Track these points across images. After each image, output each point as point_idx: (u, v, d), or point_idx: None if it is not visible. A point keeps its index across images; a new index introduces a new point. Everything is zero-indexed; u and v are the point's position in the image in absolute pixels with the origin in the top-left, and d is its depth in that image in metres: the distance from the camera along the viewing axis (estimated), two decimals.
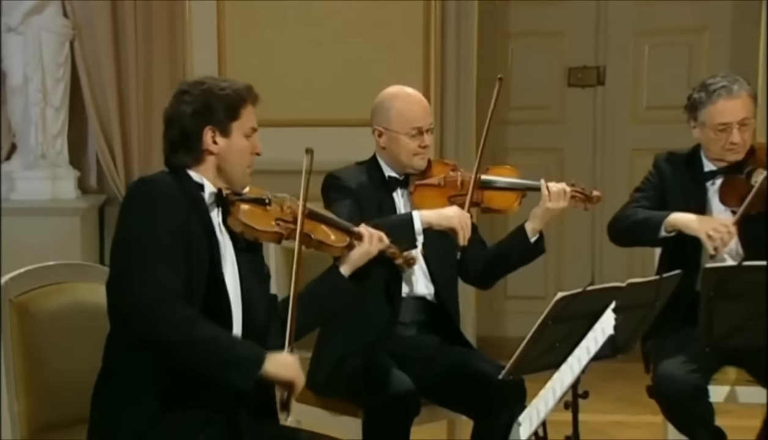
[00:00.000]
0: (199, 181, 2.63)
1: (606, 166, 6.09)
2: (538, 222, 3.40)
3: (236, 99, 2.64)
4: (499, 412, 3.12)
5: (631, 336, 3.03)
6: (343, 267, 2.82)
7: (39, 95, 5.61)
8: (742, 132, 3.54)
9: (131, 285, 2.47)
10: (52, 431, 2.70)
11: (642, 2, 6.04)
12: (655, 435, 3.95)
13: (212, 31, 5.75)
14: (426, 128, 3.38)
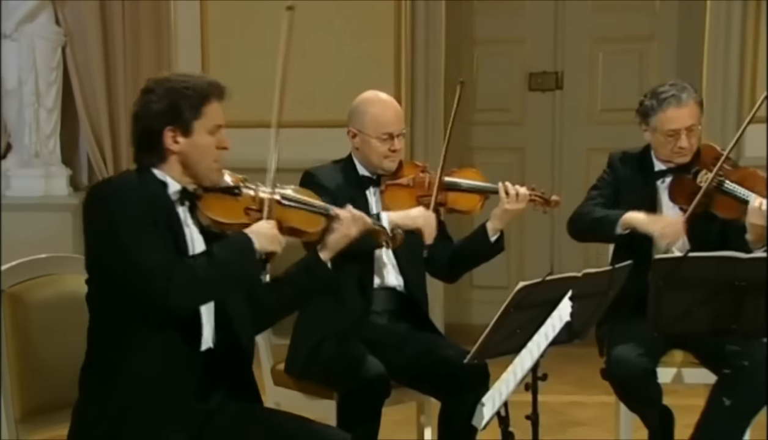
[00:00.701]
0: (162, 179, 2.54)
1: (564, 165, 6.11)
2: (498, 222, 3.40)
3: (199, 97, 2.53)
4: (464, 394, 3.12)
5: (586, 323, 3.03)
6: (323, 253, 2.72)
7: (32, 98, 5.62)
8: (689, 137, 3.54)
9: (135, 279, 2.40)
10: (44, 412, 2.68)
11: (596, 13, 6.05)
12: (609, 414, 3.97)
13: (196, 35, 5.75)
14: (397, 133, 3.36)
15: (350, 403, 3.12)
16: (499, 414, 2.75)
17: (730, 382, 3.29)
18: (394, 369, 3.22)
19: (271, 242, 2.54)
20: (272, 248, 2.54)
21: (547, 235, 5.97)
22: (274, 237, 2.55)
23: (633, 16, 6.00)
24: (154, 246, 2.42)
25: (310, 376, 3.32)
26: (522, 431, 2.83)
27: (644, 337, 3.39)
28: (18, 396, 2.65)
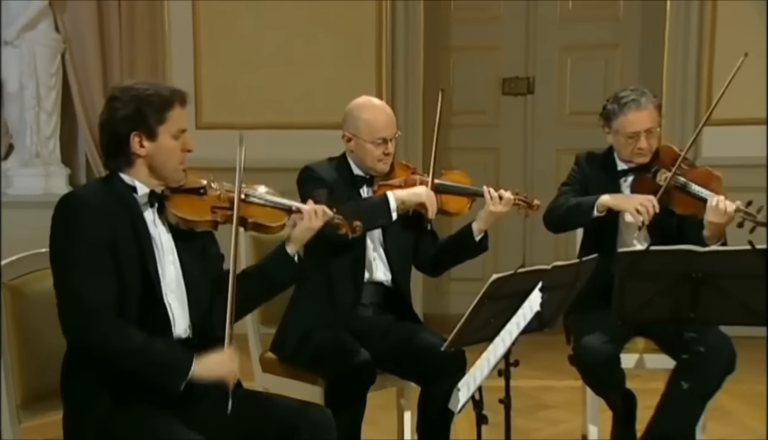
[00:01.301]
0: (131, 183, 2.53)
1: (536, 164, 6.12)
2: (483, 223, 3.40)
3: (162, 103, 2.51)
4: (441, 379, 3.12)
5: (555, 312, 3.03)
6: (289, 246, 2.71)
7: (33, 101, 5.62)
8: (648, 138, 3.56)
9: (60, 301, 2.43)
10: (43, 397, 2.68)
11: (565, 23, 6.07)
12: (576, 398, 3.99)
13: (188, 41, 5.73)
14: (390, 138, 3.35)
15: (338, 389, 3.12)
16: (474, 398, 2.75)
17: (688, 367, 3.30)
18: (378, 357, 3.22)
19: (212, 372, 2.45)
20: (214, 377, 2.45)
21: (520, 231, 5.99)
22: (220, 366, 2.46)
23: (598, 26, 6.03)
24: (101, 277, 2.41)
25: (298, 362, 3.31)
26: (495, 414, 2.83)
27: (609, 326, 3.41)
28: (19, 382, 2.65)
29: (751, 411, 4.46)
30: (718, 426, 4.06)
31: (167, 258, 2.56)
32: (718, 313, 3.17)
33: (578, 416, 4.00)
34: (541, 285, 2.83)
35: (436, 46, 6.01)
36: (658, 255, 3.14)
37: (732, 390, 3.87)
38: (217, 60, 5.70)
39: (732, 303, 3.11)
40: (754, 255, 3.05)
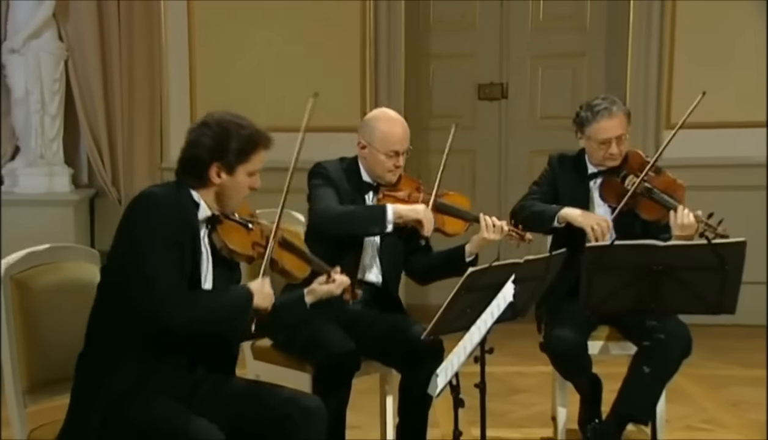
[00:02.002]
0: (197, 200, 2.54)
1: (510, 165, 6.12)
2: (475, 247, 3.39)
3: (249, 144, 2.53)
4: (421, 366, 3.11)
5: (527, 303, 3.05)
6: (308, 297, 2.76)
7: (38, 105, 5.58)
8: (618, 144, 3.56)
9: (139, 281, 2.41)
10: (47, 384, 2.67)
11: (536, 33, 6.07)
12: (546, 382, 4.01)
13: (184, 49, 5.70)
14: (402, 151, 3.33)
15: (324, 375, 3.12)
16: (451, 383, 2.75)
17: (649, 353, 3.31)
18: (363, 345, 3.23)
19: (265, 300, 2.57)
20: (265, 305, 2.58)
21: None
22: (269, 296, 2.59)
23: (567, 37, 6.03)
24: (170, 264, 2.43)
25: (288, 351, 3.30)
26: (471, 397, 2.84)
27: (577, 315, 3.42)
28: (24, 370, 2.64)
29: (706, 393, 4.49)
30: (676, 406, 4.08)
31: (207, 277, 2.59)
32: (677, 303, 3.19)
33: (548, 399, 4.01)
34: (514, 278, 2.83)
35: (416, 53, 6.00)
36: (623, 250, 3.15)
37: (689, 373, 3.91)
38: (211, 68, 5.68)
39: (689, 293, 3.13)
40: (709, 250, 3.08)
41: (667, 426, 3.70)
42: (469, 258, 3.40)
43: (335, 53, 5.65)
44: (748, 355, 5.04)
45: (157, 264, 2.40)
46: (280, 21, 5.66)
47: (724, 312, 3.15)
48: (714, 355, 4.88)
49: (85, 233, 5.63)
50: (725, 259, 3.07)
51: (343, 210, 3.22)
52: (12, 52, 5.54)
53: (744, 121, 5.58)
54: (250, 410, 2.56)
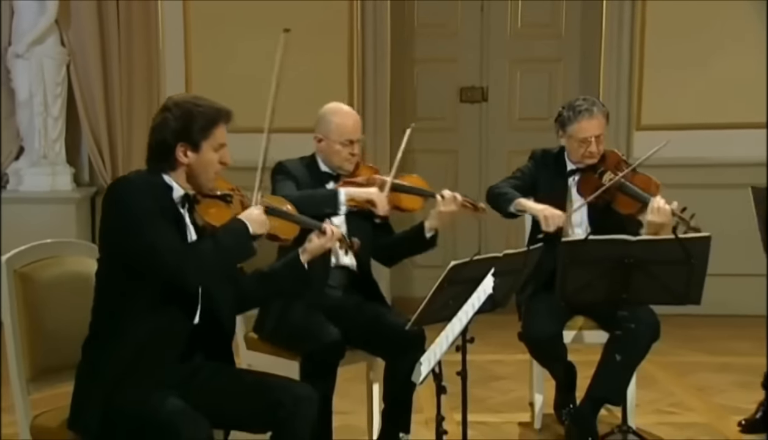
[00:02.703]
0: (169, 183, 2.53)
1: (490, 164, 6.11)
2: (434, 222, 3.38)
3: (209, 121, 2.53)
4: (405, 355, 3.11)
5: (506, 295, 3.04)
6: (303, 256, 2.74)
7: (41, 108, 5.56)
8: (597, 143, 3.57)
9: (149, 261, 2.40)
10: (49, 372, 2.66)
11: (515, 39, 6.07)
12: (524, 370, 4.01)
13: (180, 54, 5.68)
14: (356, 140, 3.36)
15: (311, 363, 3.11)
16: (434, 371, 2.75)
17: (620, 341, 3.33)
18: (349, 335, 3.21)
19: (261, 226, 2.56)
20: (262, 231, 2.57)
21: (476, 223, 5.99)
22: (264, 222, 2.58)
23: (544, 43, 6.03)
24: (167, 232, 2.43)
25: (277, 341, 3.30)
26: (453, 384, 2.84)
27: (553, 306, 3.43)
28: (28, 359, 2.62)
29: (673, 379, 4.50)
30: (646, 391, 4.10)
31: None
32: (647, 294, 3.21)
33: (526, 385, 4.02)
34: (494, 271, 2.83)
35: (401, 58, 6.00)
36: (596, 244, 3.17)
37: (657, 360, 3.93)
38: (206, 71, 5.66)
39: (658, 285, 3.15)
40: (677, 244, 3.09)
41: (637, 410, 3.72)
42: (429, 233, 3.39)
43: (324, 57, 5.64)
44: (712, 343, 5.07)
45: (155, 232, 2.40)
46: (271, 26, 5.64)
47: (690, 302, 3.17)
48: (681, 343, 4.91)
49: (86, 229, 5.61)
50: (691, 253, 3.09)
51: (299, 194, 3.22)
52: (16, 56, 5.52)
53: (712, 123, 5.61)
54: (244, 397, 2.55)
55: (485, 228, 5.96)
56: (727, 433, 3.76)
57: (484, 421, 3.85)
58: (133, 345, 2.44)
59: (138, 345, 2.45)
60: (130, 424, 2.40)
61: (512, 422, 3.88)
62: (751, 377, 4.04)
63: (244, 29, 5.63)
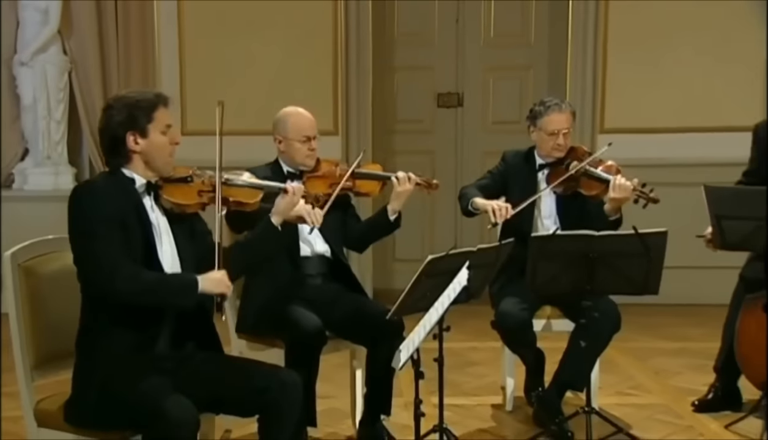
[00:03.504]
0: (130, 176, 2.51)
1: (465, 165, 6.12)
2: (395, 203, 3.37)
3: (149, 106, 2.50)
4: (386, 342, 3.10)
5: (480, 286, 3.05)
6: (274, 217, 2.67)
7: (45, 112, 5.57)
8: (565, 137, 3.60)
9: (83, 267, 2.41)
10: (51, 360, 2.64)
11: (488, 48, 6.07)
12: (497, 356, 4.02)
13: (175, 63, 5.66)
14: (312, 136, 3.36)
15: (294, 351, 3.10)
16: (412, 357, 2.76)
17: (585, 329, 3.33)
18: (331, 324, 3.21)
19: (216, 286, 2.45)
20: (218, 291, 2.45)
21: (452, 219, 6.01)
22: (221, 281, 2.45)
23: (515, 52, 6.04)
24: (113, 243, 2.39)
25: (261, 331, 3.28)
26: (430, 370, 2.85)
27: (523, 297, 3.44)
28: (31, 347, 2.60)
29: (633, 363, 4.52)
30: (608, 375, 4.11)
31: (164, 238, 2.54)
32: (609, 285, 3.22)
33: (498, 371, 4.02)
34: (468, 264, 2.84)
35: (382, 65, 5.99)
36: (563, 239, 3.18)
37: (618, 346, 3.95)
38: (200, 78, 5.65)
39: (619, 277, 3.16)
40: (637, 239, 3.11)
41: (600, 392, 3.74)
42: (392, 216, 3.38)
43: (310, 64, 5.64)
44: (669, 330, 5.11)
45: (104, 245, 2.38)
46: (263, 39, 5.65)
47: (649, 293, 3.18)
48: (640, 330, 4.94)
49: None
50: (650, 247, 3.11)
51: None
52: (21, 64, 5.52)
53: (669, 127, 5.65)
54: (233, 383, 2.53)
55: (461, 225, 5.97)
56: (682, 413, 3.78)
57: (459, 404, 3.85)
58: (121, 339, 2.43)
59: (127, 335, 2.43)
60: (121, 410, 2.39)
61: (486, 404, 3.89)
62: (704, 361, 4.06)
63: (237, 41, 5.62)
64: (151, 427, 2.30)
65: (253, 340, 3.36)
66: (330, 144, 5.24)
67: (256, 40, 5.64)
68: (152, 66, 5.63)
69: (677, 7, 5.56)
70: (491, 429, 3.61)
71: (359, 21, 5.64)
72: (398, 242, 5.91)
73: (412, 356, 2.75)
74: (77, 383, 2.50)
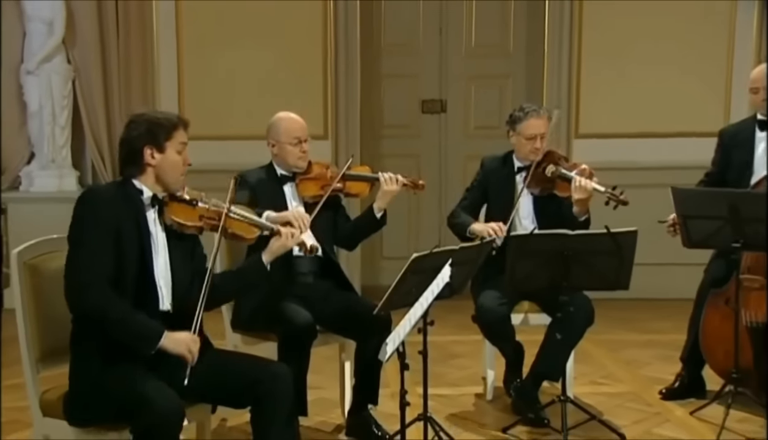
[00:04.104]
0: (139, 187, 2.53)
1: (449, 167, 6.13)
2: (381, 202, 3.38)
3: (170, 125, 2.54)
4: (373, 336, 3.11)
5: (462, 283, 3.05)
6: (265, 256, 2.68)
7: (50, 118, 5.53)
8: (542, 141, 3.61)
9: (65, 272, 2.42)
10: (55, 353, 2.63)
11: (470, 58, 6.07)
12: (478, 349, 4.01)
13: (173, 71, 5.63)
14: (303, 139, 3.36)
15: (286, 345, 3.09)
16: (398, 350, 2.74)
17: (561, 323, 3.34)
18: (321, 319, 3.21)
19: (177, 346, 2.40)
20: (178, 351, 2.40)
21: (436, 219, 6.02)
22: (184, 344, 2.40)
23: (495, 61, 6.05)
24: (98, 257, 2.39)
25: (256, 326, 3.27)
26: (415, 362, 2.84)
27: (502, 292, 3.45)
28: (36, 341, 2.60)
29: (606, 354, 4.54)
30: (582, 366, 4.13)
31: (160, 251, 2.54)
32: (583, 282, 3.23)
33: (480, 363, 4.03)
34: (451, 262, 2.84)
35: (370, 73, 5.98)
36: (540, 238, 3.19)
37: (592, 339, 3.96)
38: (196, 85, 5.62)
39: (592, 273, 3.17)
40: (608, 238, 3.12)
41: (575, 382, 3.75)
42: (378, 214, 3.39)
43: (302, 73, 5.62)
44: (640, 324, 5.13)
45: (89, 254, 2.38)
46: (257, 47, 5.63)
47: (620, 288, 3.20)
48: (612, 324, 4.96)
49: None
50: (621, 245, 3.12)
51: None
52: (28, 73, 5.50)
53: (640, 132, 5.67)
54: (227, 376, 2.53)
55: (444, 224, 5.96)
56: (650, 400, 3.81)
57: (442, 394, 3.85)
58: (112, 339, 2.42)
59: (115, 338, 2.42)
60: (113, 403, 2.38)
61: (468, 394, 3.89)
62: (671, 352, 4.08)
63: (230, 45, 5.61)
64: (137, 417, 2.30)
65: (247, 334, 3.35)
66: (320, 148, 5.23)
67: (250, 49, 5.63)
68: (151, 75, 5.61)
69: (645, 22, 5.59)
70: (472, 418, 3.62)
71: (348, 31, 5.64)
72: (385, 241, 5.91)
73: (398, 349, 2.73)
74: (72, 381, 2.50)
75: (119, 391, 2.37)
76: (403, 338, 2.72)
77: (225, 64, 5.63)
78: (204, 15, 5.60)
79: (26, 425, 3.20)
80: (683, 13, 5.56)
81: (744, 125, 3.86)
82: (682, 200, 3.46)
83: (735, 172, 3.73)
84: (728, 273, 3.58)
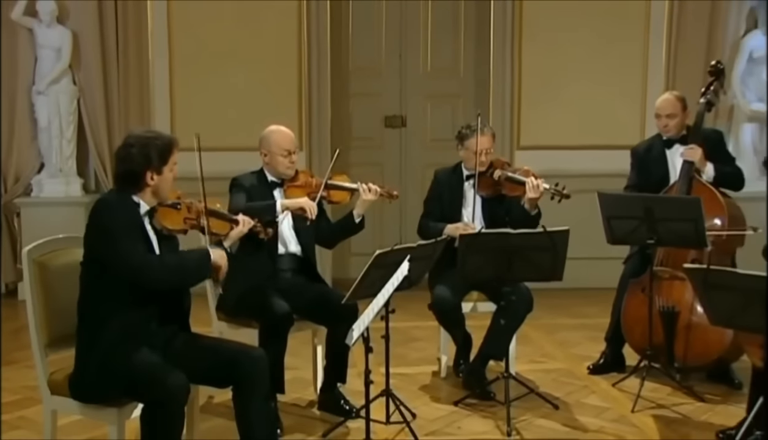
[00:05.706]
0: (137, 201, 2.52)
1: (408, 175, 6.12)
2: (360, 209, 3.38)
3: (167, 149, 2.52)
4: (342, 322, 3.08)
5: (419, 276, 3.07)
6: (226, 242, 2.70)
7: (57, 132, 5.47)
8: (487, 155, 3.62)
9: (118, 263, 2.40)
10: (61, 340, 2.61)
11: (426, 79, 6.05)
12: (434, 334, 4.01)
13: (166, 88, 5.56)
14: (293, 151, 3.34)
15: (267, 331, 3.08)
16: (363, 335, 2.76)
17: (504, 310, 3.38)
18: (297, 308, 3.19)
19: (220, 258, 2.57)
20: (221, 263, 2.57)
21: (397, 220, 6.03)
22: (221, 256, 2.58)
23: (447, 81, 6.05)
24: (136, 245, 2.43)
25: (240, 314, 3.25)
26: (379, 345, 2.85)
27: (454, 283, 3.47)
28: (44, 329, 2.58)
29: (543, 336, 4.57)
30: (523, 347, 4.16)
31: (155, 250, 2.54)
32: (524, 274, 3.26)
33: (435, 346, 4.04)
34: (410, 257, 2.86)
35: (339, 92, 5.96)
36: (487, 236, 3.21)
37: (532, 323, 3.99)
38: (186, 103, 5.56)
39: (531, 267, 3.20)
40: (545, 236, 3.15)
41: (516, 361, 3.78)
42: (357, 219, 3.39)
43: (277, 92, 5.57)
44: (572, 310, 5.18)
45: (127, 244, 2.39)
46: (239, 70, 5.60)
47: (555, 279, 3.23)
48: (549, 310, 5.00)
49: None
50: (555, 242, 3.16)
51: (247, 205, 3.16)
52: (38, 93, 5.46)
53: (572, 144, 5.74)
54: (211, 359, 2.53)
55: (405, 225, 5.99)
56: (580, 375, 3.86)
57: (402, 373, 3.85)
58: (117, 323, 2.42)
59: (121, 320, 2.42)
60: (120, 381, 2.36)
61: (425, 373, 3.90)
62: (598, 333, 4.13)
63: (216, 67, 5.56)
64: (151, 394, 2.30)
65: (231, 322, 3.33)
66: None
67: (233, 71, 5.60)
68: (147, 94, 5.56)
69: (577, 50, 5.66)
70: (428, 393, 3.63)
71: (320, 55, 5.63)
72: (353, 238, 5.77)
73: (363, 334, 2.75)
74: (78, 363, 2.48)
75: (127, 371, 2.35)
76: (368, 324, 2.74)
77: (211, 85, 5.59)
78: (193, 42, 5.57)
79: (37, 402, 3.17)
80: (610, 42, 5.64)
81: (652, 142, 3.94)
82: (607, 204, 3.52)
83: (655, 184, 3.79)
84: (644, 265, 3.65)
